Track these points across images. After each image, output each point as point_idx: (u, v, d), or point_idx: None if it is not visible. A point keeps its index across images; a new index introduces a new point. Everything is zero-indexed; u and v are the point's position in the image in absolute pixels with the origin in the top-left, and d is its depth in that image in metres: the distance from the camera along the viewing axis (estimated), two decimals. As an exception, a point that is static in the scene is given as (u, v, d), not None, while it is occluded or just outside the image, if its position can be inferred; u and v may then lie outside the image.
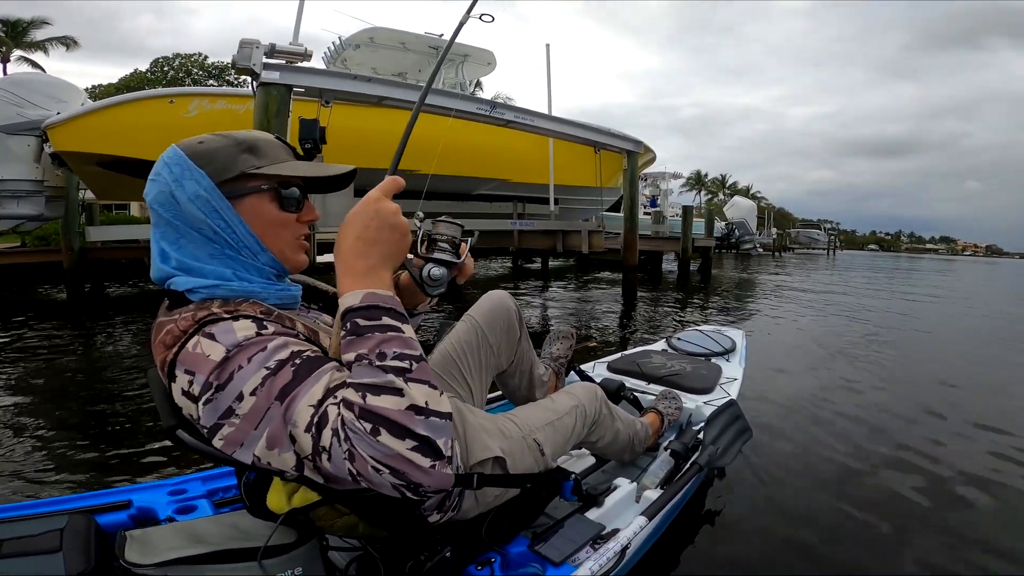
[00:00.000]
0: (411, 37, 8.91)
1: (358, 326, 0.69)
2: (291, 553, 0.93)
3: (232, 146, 0.82)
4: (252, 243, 0.83)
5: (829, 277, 17.35)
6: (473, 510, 1.11)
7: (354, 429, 0.63)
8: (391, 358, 0.66)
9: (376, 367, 0.66)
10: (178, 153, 0.80)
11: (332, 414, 0.65)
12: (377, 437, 0.62)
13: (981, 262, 64.39)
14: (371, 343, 0.67)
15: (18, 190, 6.57)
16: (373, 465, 0.62)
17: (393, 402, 0.64)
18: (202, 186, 0.79)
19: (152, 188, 0.81)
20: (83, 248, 8.70)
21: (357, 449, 0.63)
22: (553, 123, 6.89)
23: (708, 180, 56.44)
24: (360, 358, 0.67)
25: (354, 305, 0.70)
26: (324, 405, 0.66)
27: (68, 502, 1.23)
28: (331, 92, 4.75)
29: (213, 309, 0.76)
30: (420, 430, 0.64)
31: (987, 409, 3.46)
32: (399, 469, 0.63)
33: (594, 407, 1.47)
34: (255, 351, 0.71)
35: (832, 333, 6.40)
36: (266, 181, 0.84)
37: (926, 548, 1.90)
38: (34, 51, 20.46)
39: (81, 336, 5.49)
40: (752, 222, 21.32)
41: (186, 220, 0.80)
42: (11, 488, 2.20)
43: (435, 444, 0.65)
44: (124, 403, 3.27)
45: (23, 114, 6.25)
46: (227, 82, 24.89)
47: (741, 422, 1.82)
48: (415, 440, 0.64)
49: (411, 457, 0.63)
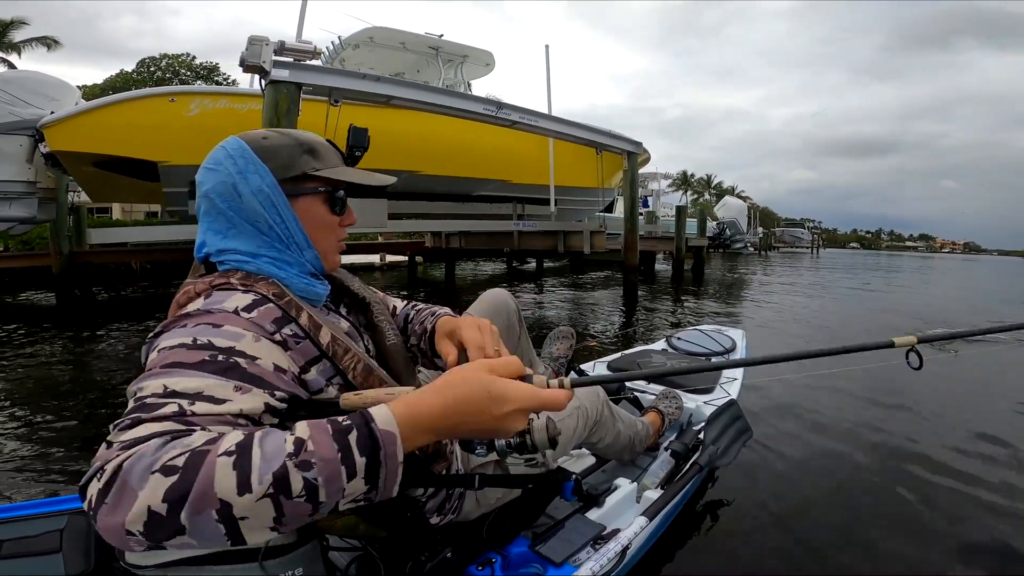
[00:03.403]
0: (411, 37, 8.85)
1: (344, 431, 0.56)
2: (291, 554, 0.91)
3: (295, 146, 0.83)
4: (302, 240, 0.84)
5: (820, 275, 17.61)
6: (475, 511, 1.10)
7: (173, 444, 0.52)
8: (303, 475, 0.52)
9: (284, 459, 0.52)
10: (243, 146, 0.81)
11: (168, 409, 0.57)
12: (159, 470, 0.49)
13: (959, 258, 65.86)
14: (323, 452, 0.53)
15: (9, 192, 6.34)
16: (104, 467, 0.51)
17: (226, 487, 0.49)
18: (265, 182, 0.79)
19: (211, 177, 0.80)
20: (73, 252, 8.50)
21: (138, 448, 0.52)
22: (557, 124, 6.90)
23: (694, 180, 57.01)
24: (298, 440, 0.53)
25: (374, 421, 0.57)
26: (169, 401, 0.58)
27: (68, 502, 1.20)
28: (340, 91, 4.68)
29: (231, 279, 0.77)
30: (182, 518, 0.48)
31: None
32: (109, 492, 0.50)
33: (596, 408, 1.45)
34: (208, 321, 0.68)
35: (833, 331, 6.46)
36: (323, 183, 0.85)
37: (928, 547, 1.90)
38: (11, 52, 19.96)
39: (74, 341, 5.38)
40: (743, 222, 21.59)
41: (242, 212, 0.80)
42: (11, 489, 2.18)
43: (162, 533, 0.49)
44: (122, 405, 3.23)
45: (15, 113, 6.04)
46: (216, 83, 24.52)
47: (741, 422, 1.83)
48: (165, 513, 0.48)
49: (133, 502, 0.48)
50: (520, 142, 7.98)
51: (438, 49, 9.09)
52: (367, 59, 9.00)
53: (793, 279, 15.35)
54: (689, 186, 55.46)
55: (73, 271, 8.45)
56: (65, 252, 8.29)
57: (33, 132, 6.03)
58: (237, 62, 4.29)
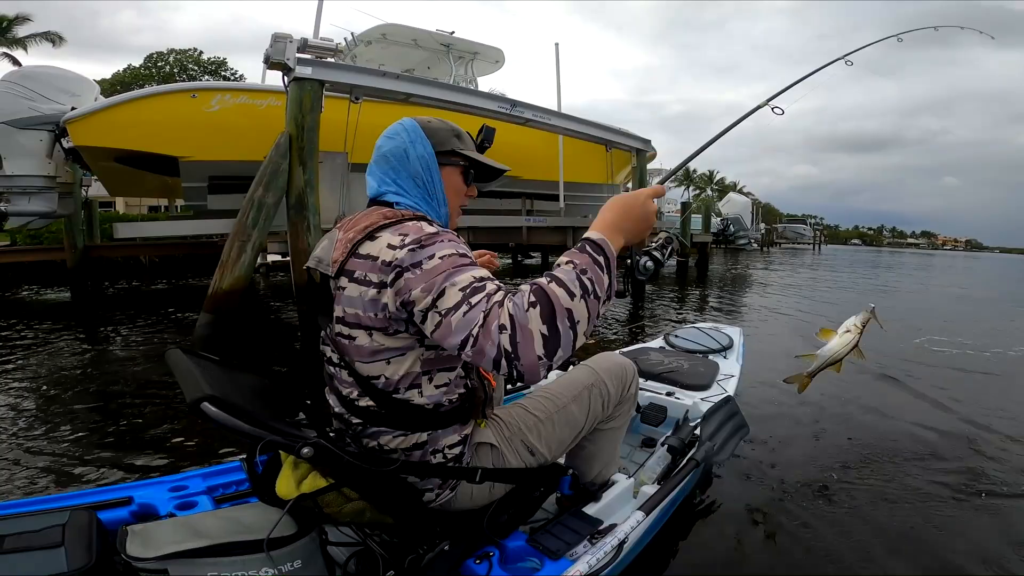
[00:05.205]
0: (423, 34, 8.90)
1: (585, 248, 0.88)
2: (291, 546, 0.96)
3: (448, 130, 1.14)
4: (441, 198, 1.12)
5: (827, 274, 17.63)
6: (467, 496, 1.12)
7: (518, 294, 0.82)
8: (587, 277, 0.84)
9: (574, 274, 0.83)
10: (414, 124, 1.11)
11: (492, 286, 0.85)
12: (529, 308, 0.79)
13: (961, 256, 65.75)
14: (584, 261, 0.86)
15: (29, 186, 6.38)
16: (503, 323, 0.78)
17: (564, 298, 0.80)
18: (426, 151, 1.10)
19: (389, 143, 1.11)
20: (87, 246, 8.57)
21: (505, 307, 0.80)
22: (569, 122, 6.97)
23: (696, 176, 56.93)
24: (570, 262, 0.86)
25: (592, 238, 0.90)
26: (484, 281, 0.86)
27: (70, 498, 1.25)
28: (361, 88, 4.76)
29: (417, 214, 1.04)
30: (559, 329, 0.78)
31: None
32: (518, 340, 0.77)
33: (618, 387, 1.34)
34: (451, 238, 0.95)
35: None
36: (463, 160, 1.14)
37: (928, 547, 1.93)
38: (15, 48, 19.92)
39: (89, 337, 5.36)
40: (747, 218, 21.63)
41: (407, 168, 1.09)
42: (13, 484, 2.18)
43: (557, 348, 0.79)
44: (127, 402, 3.27)
45: (35, 108, 6.07)
46: (224, 78, 24.51)
47: (738, 418, 1.85)
48: (549, 333, 0.78)
49: (535, 339, 0.77)
50: (529, 138, 8.05)
51: (449, 46, 9.15)
52: (379, 56, 9.05)
53: (792, 279, 15.37)
54: (691, 182, 55.40)
55: (87, 265, 8.53)
56: (79, 246, 8.37)
57: (54, 127, 6.10)
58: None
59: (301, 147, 4.42)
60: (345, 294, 0.98)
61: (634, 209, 0.95)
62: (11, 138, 6.16)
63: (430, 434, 1.05)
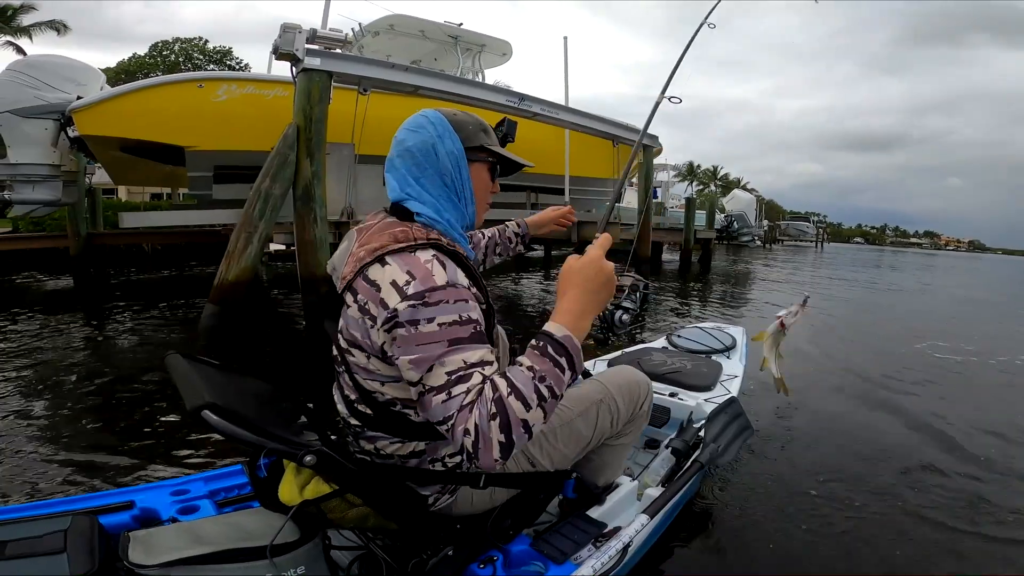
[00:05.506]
0: (430, 25, 8.83)
1: (546, 351, 0.86)
2: (294, 552, 0.95)
3: (476, 124, 1.07)
4: (469, 196, 1.05)
5: (827, 272, 17.58)
6: (467, 501, 1.12)
7: (483, 401, 0.82)
8: (544, 385, 0.83)
9: (532, 385, 0.83)
10: (441, 117, 1.03)
11: (476, 379, 0.84)
12: (490, 420, 0.80)
13: (964, 256, 65.56)
14: (544, 367, 0.84)
15: (34, 175, 6.40)
16: (467, 428, 0.81)
17: (520, 411, 0.81)
18: (456, 146, 1.02)
19: (414, 137, 1.01)
20: (90, 234, 8.58)
21: (473, 410, 0.81)
22: (576, 116, 6.94)
23: (700, 171, 56.76)
24: (531, 368, 0.84)
25: (555, 336, 0.87)
26: (471, 369, 0.85)
27: (71, 503, 1.24)
28: (369, 80, 4.72)
29: (431, 234, 0.97)
30: (515, 437, 0.81)
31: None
32: (480, 446, 0.80)
33: (630, 405, 1.33)
34: (461, 297, 0.89)
35: (832, 328, 6.45)
36: (491, 156, 1.08)
37: (929, 546, 1.93)
38: (21, 36, 19.82)
39: (92, 326, 5.25)
40: (751, 215, 21.60)
41: (435, 166, 1.01)
42: (15, 489, 2.15)
43: (512, 449, 0.82)
44: (129, 399, 3.24)
45: (41, 97, 6.06)
46: (229, 67, 24.43)
47: (742, 420, 1.83)
48: (506, 440, 0.80)
49: (494, 446, 0.80)
50: (534, 132, 8.02)
51: (457, 38, 9.08)
52: (386, 47, 8.98)
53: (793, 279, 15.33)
54: (695, 177, 55.23)
55: (90, 253, 8.55)
56: (83, 234, 8.38)
57: (59, 116, 6.08)
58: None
59: (309, 138, 4.38)
60: (348, 312, 0.96)
61: (592, 282, 0.90)
62: (16, 126, 6.17)
63: (428, 443, 1.03)
